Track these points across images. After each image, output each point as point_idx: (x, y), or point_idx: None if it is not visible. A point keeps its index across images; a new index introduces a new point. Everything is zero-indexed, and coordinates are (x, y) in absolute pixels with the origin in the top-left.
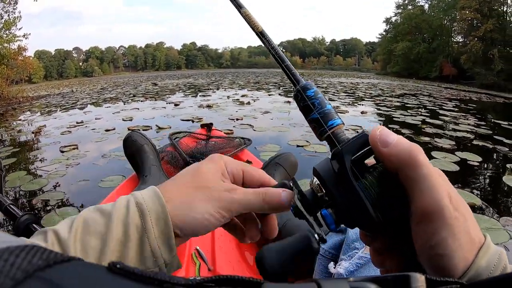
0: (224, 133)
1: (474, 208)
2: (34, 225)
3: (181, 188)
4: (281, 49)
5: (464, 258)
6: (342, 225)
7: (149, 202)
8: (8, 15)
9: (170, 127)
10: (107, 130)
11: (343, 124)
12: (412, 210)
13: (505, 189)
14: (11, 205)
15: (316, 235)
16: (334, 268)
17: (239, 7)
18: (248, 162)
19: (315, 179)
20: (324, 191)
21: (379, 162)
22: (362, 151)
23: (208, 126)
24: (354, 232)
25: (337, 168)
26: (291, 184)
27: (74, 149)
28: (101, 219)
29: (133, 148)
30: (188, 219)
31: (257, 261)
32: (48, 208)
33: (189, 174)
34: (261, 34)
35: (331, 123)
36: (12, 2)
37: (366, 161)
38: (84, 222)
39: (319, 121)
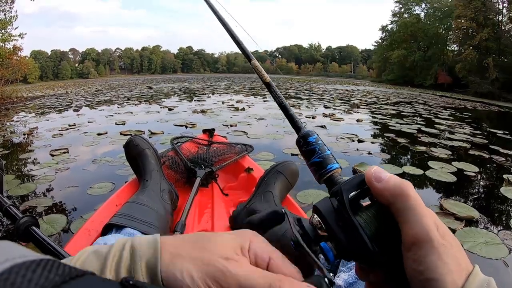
0: None
1: (471, 222)
2: (33, 227)
3: (180, 241)
4: (277, 54)
5: (453, 282)
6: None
7: (144, 248)
8: (5, 14)
9: (163, 133)
10: (99, 134)
11: (341, 168)
12: (403, 239)
13: (503, 201)
14: (11, 206)
15: (326, 279)
16: (333, 279)
17: (249, 59)
18: (249, 169)
19: (315, 216)
20: (324, 227)
21: (374, 201)
22: (359, 188)
23: (210, 132)
24: None
25: (336, 204)
26: (283, 210)
27: (64, 153)
28: (96, 261)
29: (134, 152)
30: (169, 272)
31: None
32: (35, 214)
33: (201, 234)
34: (268, 85)
35: (330, 167)
36: (9, 1)
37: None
38: (81, 264)
39: (319, 164)
